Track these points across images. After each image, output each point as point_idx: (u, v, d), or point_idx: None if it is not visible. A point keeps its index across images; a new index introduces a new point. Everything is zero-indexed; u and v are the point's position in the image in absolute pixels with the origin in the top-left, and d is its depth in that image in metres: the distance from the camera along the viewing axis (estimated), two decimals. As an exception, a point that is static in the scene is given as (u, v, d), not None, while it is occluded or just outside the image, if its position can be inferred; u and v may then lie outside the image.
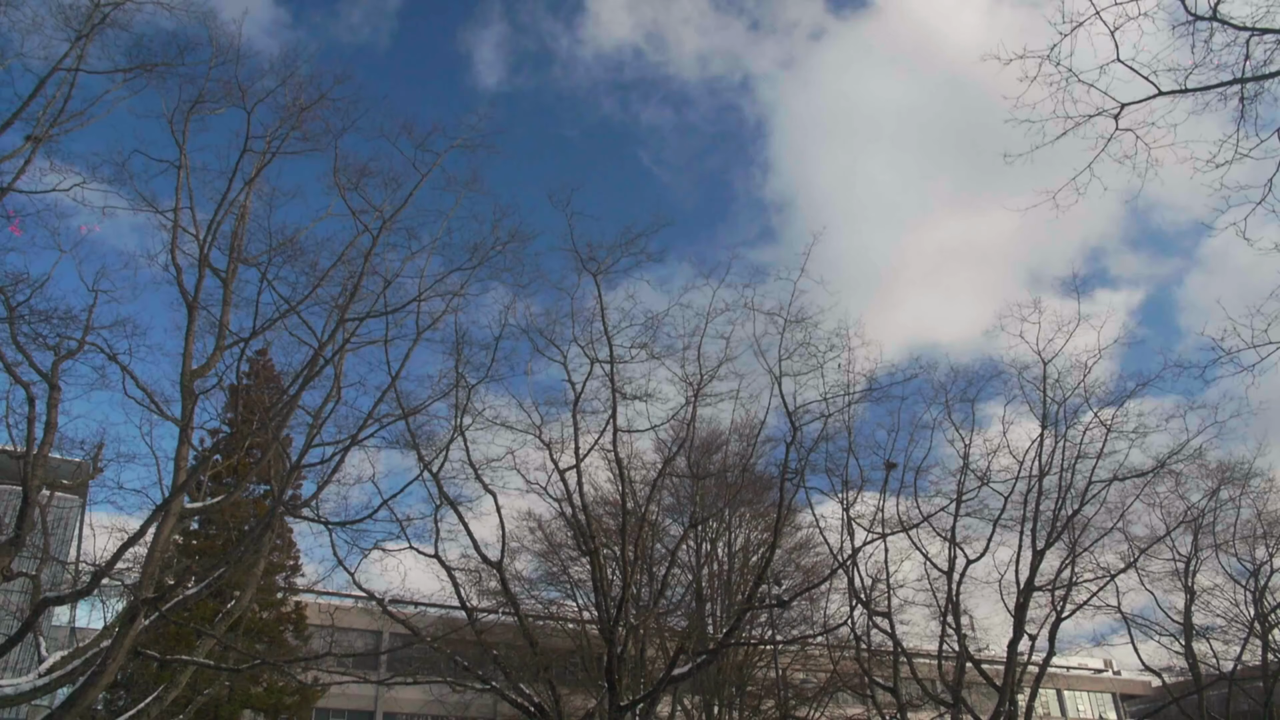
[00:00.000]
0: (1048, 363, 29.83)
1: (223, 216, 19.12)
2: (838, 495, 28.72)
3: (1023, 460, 30.55)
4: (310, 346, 18.62)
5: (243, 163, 18.60)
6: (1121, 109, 11.81)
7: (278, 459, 20.89)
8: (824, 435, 25.52)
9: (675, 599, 35.94)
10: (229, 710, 30.87)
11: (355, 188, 19.18)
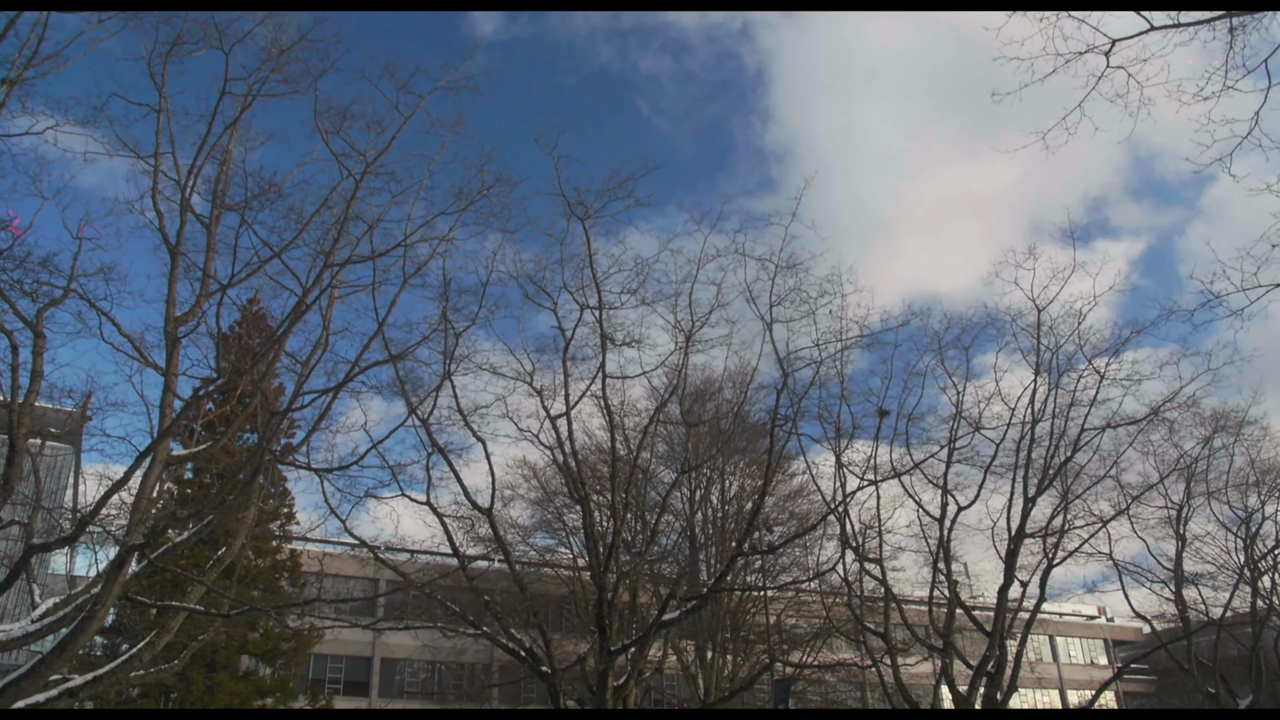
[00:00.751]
0: (1042, 310, 29.68)
1: (204, 161, 18.84)
2: (830, 443, 28.71)
3: (1014, 407, 30.52)
4: (294, 294, 18.44)
5: (223, 105, 18.28)
6: (1113, 45, 11.52)
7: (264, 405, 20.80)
8: (816, 382, 25.41)
9: (669, 546, 36.17)
10: (226, 656, 31.19)
11: (338, 131, 18.85)
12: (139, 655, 20.62)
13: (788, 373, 23.01)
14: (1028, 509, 30.37)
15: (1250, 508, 38.88)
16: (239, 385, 24.91)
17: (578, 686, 29.66)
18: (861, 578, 32.56)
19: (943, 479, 30.61)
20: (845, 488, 28.08)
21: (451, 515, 26.15)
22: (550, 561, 35.55)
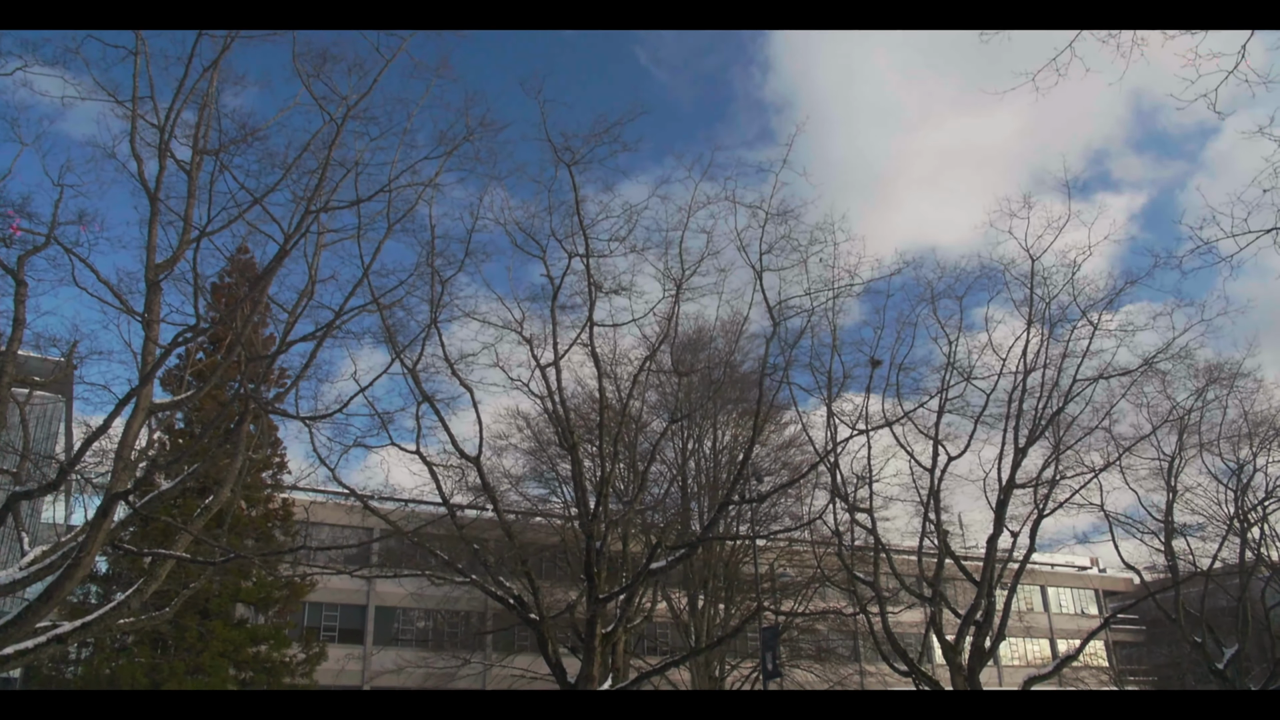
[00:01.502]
0: (1036, 259, 29.46)
1: (183, 104, 18.46)
2: (821, 393, 28.64)
3: (1005, 357, 30.42)
4: (276, 242, 18.21)
5: (200, 47, 17.85)
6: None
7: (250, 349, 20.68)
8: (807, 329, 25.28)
9: (661, 496, 36.22)
10: (219, 604, 31.36)
11: (318, 75, 18.46)
12: (127, 602, 20.69)
13: (777, 321, 22.88)
14: (1018, 459, 30.42)
15: (1242, 460, 38.99)
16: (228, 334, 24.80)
17: (567, 633, 29.89)
18: (852, 528, 32.70)
19: (934, 428, 30.60)
20: (835, 436, 28.07)
21: (441, 464, 26.12)
22: (542, 511, 35.64)
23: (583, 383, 34.90)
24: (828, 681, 41.14)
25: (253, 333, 26.52)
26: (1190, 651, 41.06)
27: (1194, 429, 37.90)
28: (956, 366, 30.12)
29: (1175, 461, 38.45)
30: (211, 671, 30.19)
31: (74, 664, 31.40)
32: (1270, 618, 40.90)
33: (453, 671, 37.52)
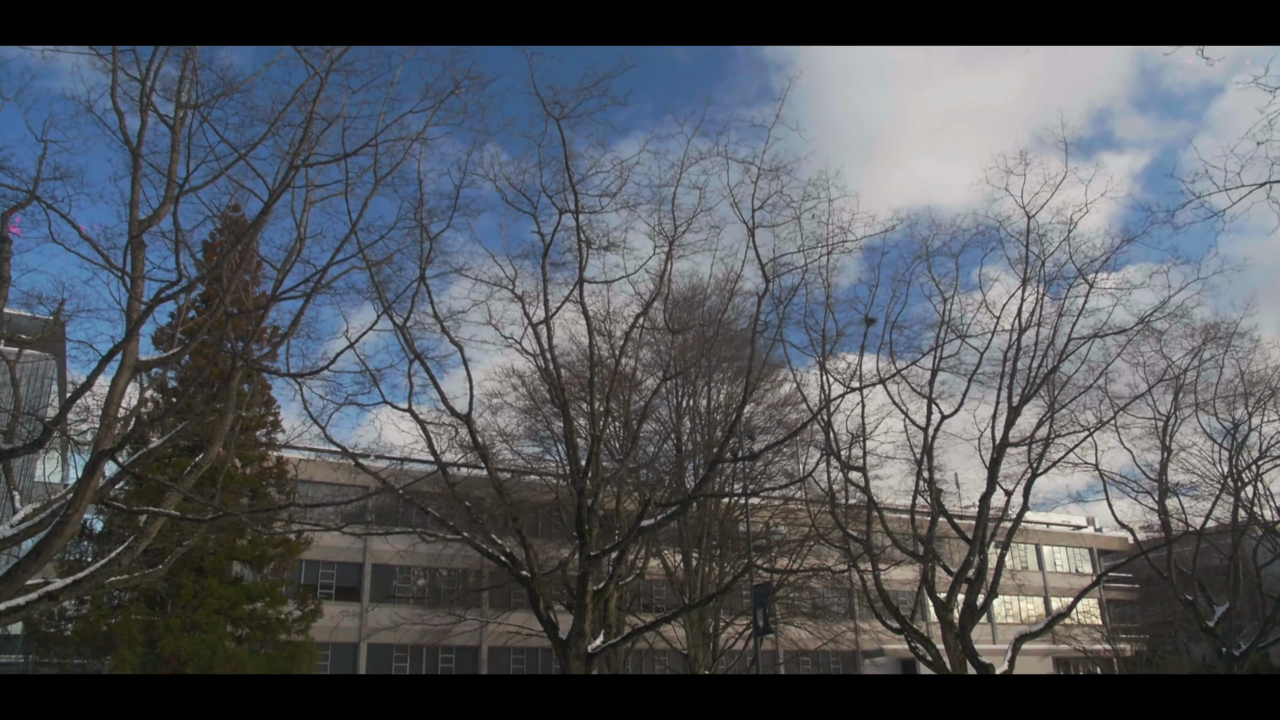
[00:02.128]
0: (1032, 216, 29.18)
1: (164, 57, 18.15)
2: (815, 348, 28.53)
3: (999, 315, 30.26)
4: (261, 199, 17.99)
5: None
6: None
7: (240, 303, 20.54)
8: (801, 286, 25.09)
9: (654, 454, 36.25)
10: (214, 562, 31.47)
11: (301, 24, 18.08)
12: (118, 559, 20.71)
13: (769, 279, 22.69)
14: (1012, 418, 30.37)
15: (1237, 420, 38.97)
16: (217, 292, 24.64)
17: (560, 590, 30.01)
18: (846, 487, 32.72)
19: (928, 386, 30.52)
20: (829, 393, 27.99)
21: (434, 423, 26.10)
22: (537, 469, 35.66)
23: (577, 340, 34.81)
24: (821, 639, 41.47)
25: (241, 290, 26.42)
26: (1182, 610, 41.33)
27: (1190, 388, 37.83)
28: (951, 324, 29.97)
29: (1170, 421, 38.43)
30: (208, 628, 30.35)
31: (71, 620, 31.56)
32: (1261, 576, 41.14)
33: (448, 628, 37.75)
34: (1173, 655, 51.85)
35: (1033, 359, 30.20)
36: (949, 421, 31.01)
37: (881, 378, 28.71)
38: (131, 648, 29.20)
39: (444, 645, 41.15)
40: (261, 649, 32.10)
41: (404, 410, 25.41)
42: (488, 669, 42.63)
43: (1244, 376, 38.43)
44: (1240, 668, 37.96)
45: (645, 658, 43.04)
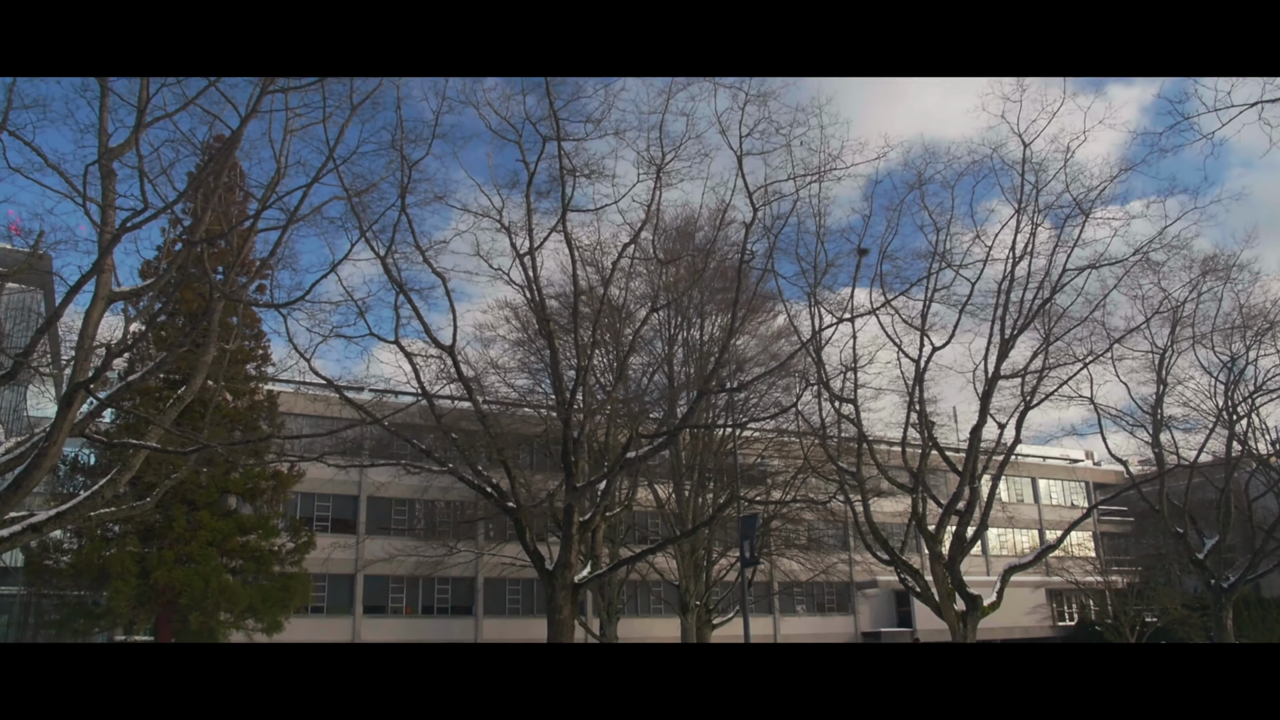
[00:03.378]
0: (1028, 145, 28.57)
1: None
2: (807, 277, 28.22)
3: (991, 245, 29.85)
4: (228, 127, 17.57)
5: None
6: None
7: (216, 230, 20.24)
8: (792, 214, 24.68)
9: (645, 385, 36.09)
10: (206, 495, 31.54)
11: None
12: (101, 492, 20.70)
13: (757, 207, 22.32)
14: (1004, 350, 30.11)
15: (1234, 353, 38.72)
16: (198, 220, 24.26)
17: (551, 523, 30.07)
18: (840, 422, 32.61)
19: (919, 317, 30.23)
20: (820, 323, 27.75)
21: (421, 355, 25.92)
22: (527, 401, 35.55)
23: (568, 270, 34.46)
24: (812, 570, 41.77)
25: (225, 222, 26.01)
26: (1174, 543, 41.52)
27: (1187, 321, 37.54)
28: (944, 256, 29.57)
29: (1167, 354, 38.22)
30: (200, 561, 30.52)
31: (67, 553, 31.77)
32: (1253, 509, 41.24)
33: (441, 559, 38.04)
34: (1164, 587, 52.27)
35: (1025, 291, 29.85)
36: (943, 354, 30.92)
37: (873, 308, 28.43)
38: (125, 579, 29.40)
39: (440, 577, 41.49)
40: (255, 581, 32.34)
41: (390, 343, 25.25)
42: (483, 599, 43.08)
43: (1242, 310, 38.09)
44: (1228, 599, 38.23)
45: (640, 589, 43.45)
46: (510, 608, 43.59)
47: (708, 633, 38.98)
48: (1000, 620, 48.18)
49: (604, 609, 39.75)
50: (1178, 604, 48.47)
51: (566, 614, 23.13)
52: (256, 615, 31.78)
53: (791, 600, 49.57)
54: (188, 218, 32.90)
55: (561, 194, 22.33)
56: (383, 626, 41.31)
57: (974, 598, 30.21)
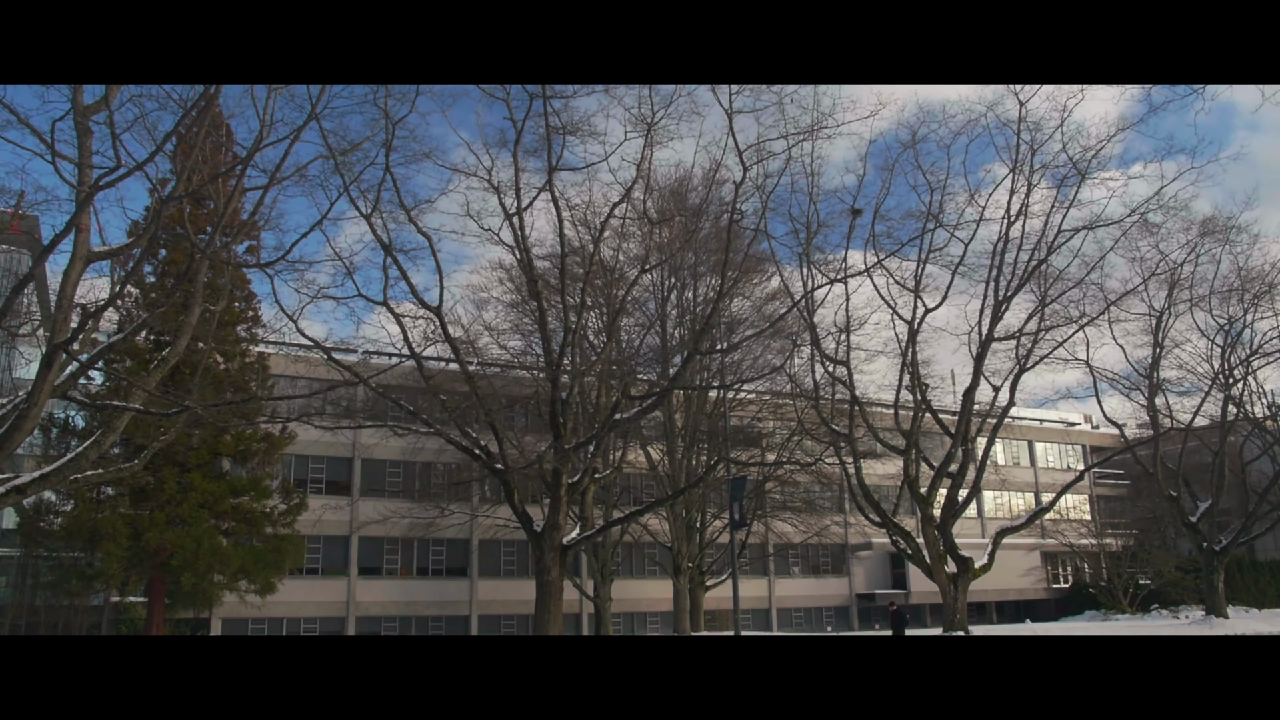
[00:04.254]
0: (1024, 103, 28.17)
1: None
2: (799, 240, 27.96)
3: (985, 205, 29.54)
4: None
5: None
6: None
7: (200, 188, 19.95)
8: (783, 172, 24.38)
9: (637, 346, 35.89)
10: (197, 457, 31.45)
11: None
12: (85, 454, 20.58)
13: (747, 166, 22.01)
14: (998, 311, 29.89)
15: (1232, 316, 38.49)
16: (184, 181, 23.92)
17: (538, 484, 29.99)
18: (833, 384, 32.48)
19: (913, 278, 30.02)
20: (811, 283, 27.51)
21: (410, 316, 25.74)
22: (516, 363, 35.36)
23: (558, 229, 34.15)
24: (806, 532, 41.82)
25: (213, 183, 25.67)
26: (1168, 506, 41.53)
27: (1185, 284, 37.28)
28: (937, 216, 29.27)
29: (1164, 316, 37.97)
30: (192, 522, 30.52)
31: (60, 516, 31.75)
32: (1247, 472, 41.18)
33: (433, 521, 38.05)
34: (1159, 550, 52.37)
35: (1019, 252, 29.59)
36: (939, 318, 30.73)
37: (867, 268, 28.19)
38: (117, 541, 29.40)
39: (435, 538, 41.52)
40: (247, 542, 32.37)
41: (379, 304, 25.07)
42: (478, 559, 43.17)
43: (1241, 273, 37.82)
44: (1220, 563, 38.28)
45: (634, 551, 43.55)
46: (505, 569, 43.68)
47: (700, 594, 39.11)
48: (994, 583, 48.38)
49: (598, 571, 39.83)
50: (1171, 567, 48.59)
51: (555, 575, 23.12)
52: (249, 577, 31.85)
53: (786, 562, 49.70)
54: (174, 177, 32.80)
55: (548, 152, 22.04)
56: (378, 587, 41.44)
57: (965, 560, 30.24)
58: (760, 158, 23.18)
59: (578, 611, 43.46)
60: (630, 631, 43.95)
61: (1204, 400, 39.41)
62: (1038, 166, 29.06)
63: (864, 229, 29.77)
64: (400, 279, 26.52)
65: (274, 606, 37.45)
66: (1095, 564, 54.21)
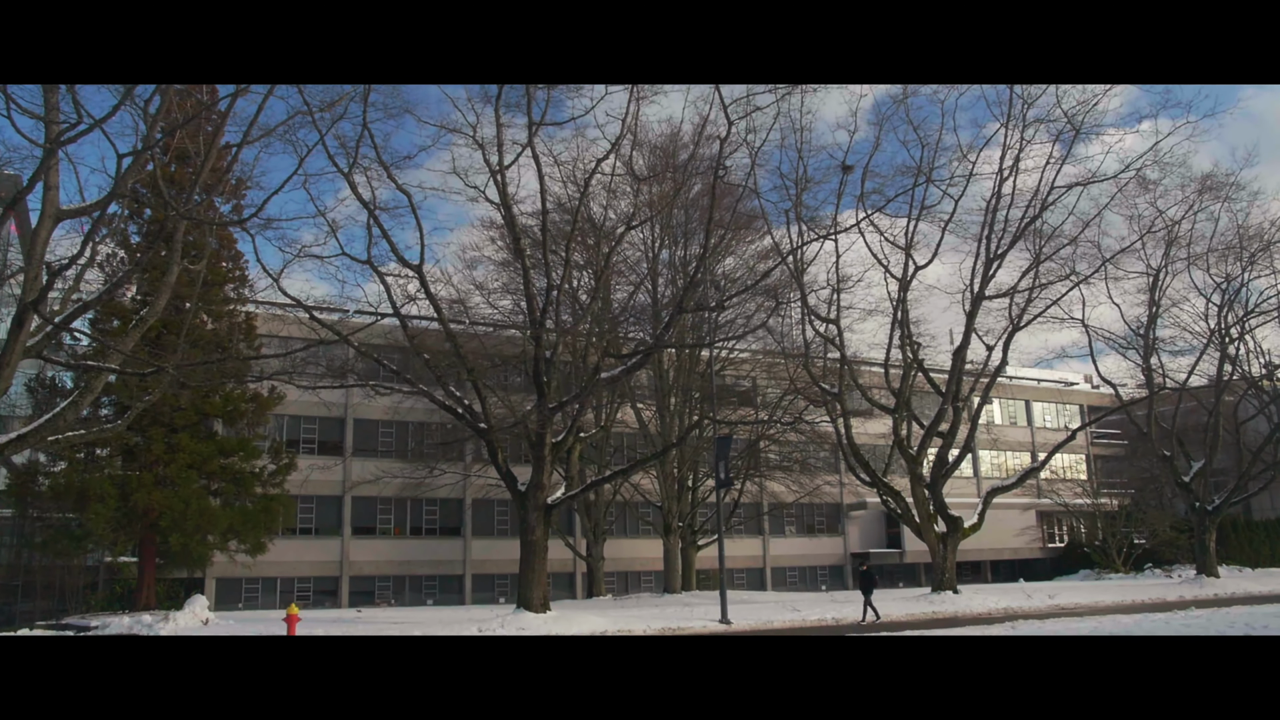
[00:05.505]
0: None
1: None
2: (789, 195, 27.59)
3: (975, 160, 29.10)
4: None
5: None
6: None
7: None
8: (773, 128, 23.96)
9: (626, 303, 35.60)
10: (184, 418, 31.29)
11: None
12: (63, 414, 20.47)
13: (732, 120, 21.56)
14: (989, 269, 29.56)
15: (1230, 274, 38.14)
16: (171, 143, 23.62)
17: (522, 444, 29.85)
18: (825, 346, 32.24)
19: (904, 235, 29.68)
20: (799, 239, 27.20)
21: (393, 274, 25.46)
22: (507, 321, 35.11)
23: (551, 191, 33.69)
24: (798, 491, 41.74)
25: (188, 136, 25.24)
26: (1163, 466, 41.44)
27: (1183, 242, 36.91)
28: (928, 172, 28.84)
29: (1161, 275, 37.63)
30: (180, 483, 30.45)
31: (47, 476, 31.66)
32: (1242, 432, 41.00)
33: (423, 481, 38.02)
34: (1155, 510, 52.33)
35: (1010, 209, 29.18)
36: (933, 275, 30.37)
37: (856, 222, 27.84)
38: (104, 502, 29.33)
39: (428, 498, 41.53)
40: (236, 502, 32.32)
41: (363, 263, 24.79)
42: (472, 519, 43.19)
43: (1240, 230, 37.42)
44: (1212, 522, 38.22)
45: (628, 510, 43.54)
46: (499, 529, 43.70)
47: (692, 554, 39.13)
48: (989, 542, 48.42)
49: (591, 530, 39.86)
50: (1167, 526, 48.56)
51: (539, 535, 23.03)
52: (239, 537, 31.84)
53: (781, 521, 49.73)
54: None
55: (527, 106, 21.63)
56: (372, 547, 41.51)
57: (955, 519, 30.13)
58: (747, 111, 22.77)
59: (571, 571, 43.59)
60: (624, 590, 44.06)
61: (1199, 359, 39.19)
62: (1032, 121, 28.56)
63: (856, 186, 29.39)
64: (382, 238, 26.14)
65: (268, 566, 37.55)
66: (1091, 524, 54.21)
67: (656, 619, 24.41)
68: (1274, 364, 41.10)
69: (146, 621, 25.27)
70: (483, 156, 24.25)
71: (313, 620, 26.13)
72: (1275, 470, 40.47)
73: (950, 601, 28.18)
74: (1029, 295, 31.93)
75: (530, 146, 22.24)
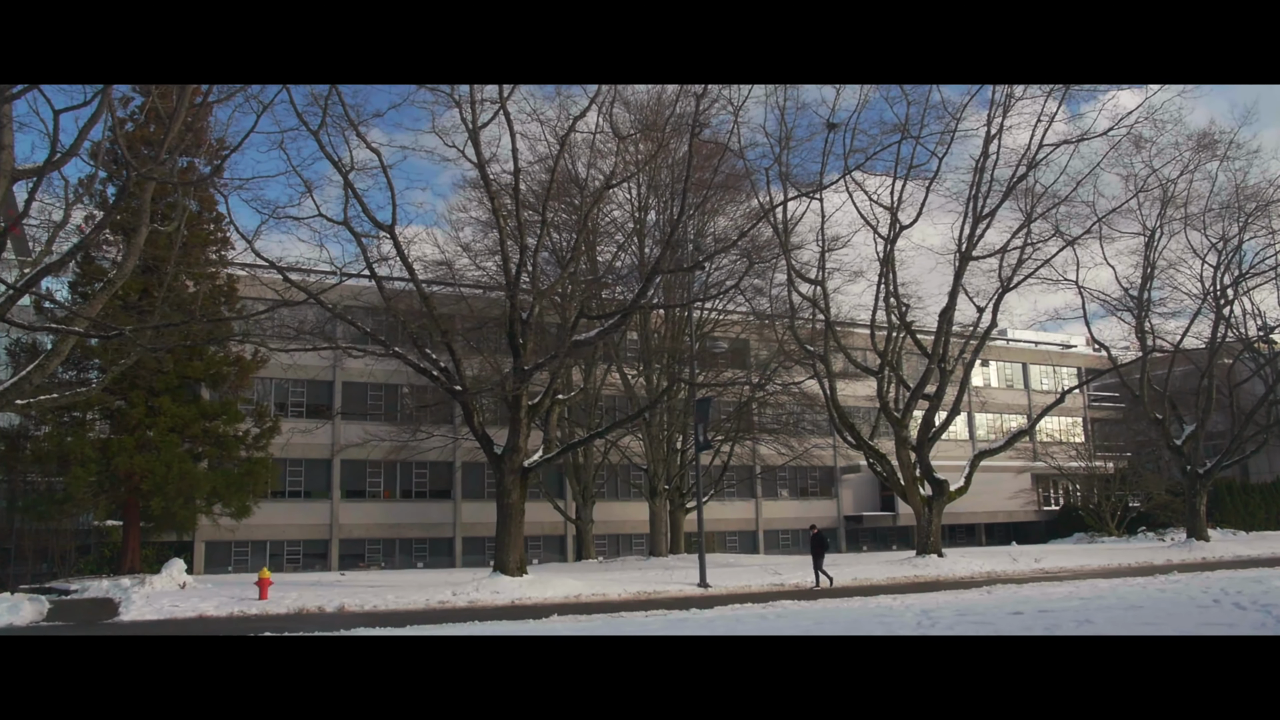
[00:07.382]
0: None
1: None
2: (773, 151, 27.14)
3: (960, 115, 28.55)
4: None
5: None
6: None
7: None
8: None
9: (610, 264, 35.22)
10: (166, 381, 31.09)
11: None
12: (28, 377, 20.23)
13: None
14: (976, 229, 29.11)
15: (1226, 235, 37.60)
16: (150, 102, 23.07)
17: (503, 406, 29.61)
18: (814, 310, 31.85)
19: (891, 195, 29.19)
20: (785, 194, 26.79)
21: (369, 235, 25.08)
22: (489, 283, 34.72)
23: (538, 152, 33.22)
24: (788, 454, 41.53)
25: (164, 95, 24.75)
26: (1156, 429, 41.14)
27: (1178, 201, 36.35)
28: (915, 131, 28.31)
29: (1156, 235, 37.11)
30: (162, 447, 30.29)
31: (30, 439, 31.54)
32: (1236, 395, 40.64)
33: (406, 444, 37.88)
34: (1151, 473, 52.12)
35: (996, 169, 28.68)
36: (922, 237, 29.93)
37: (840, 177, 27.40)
38: (85, 466, 29.23)
39: (418, 461, 41.42)
40: (220, 466, 32.20)
41: (339, 224, 24.45)
42: (461, 481, 43.12)
43: (1238, 190, 36.84)
44: (1203, 485, 37.97)
45: (617, 473, 43.39)
46: (489, 492, 43.51)
47: (681, 516, 39.03)
48: (982, 504, 48.33)
49: (580, 493, 39.75)
50: (1162, 490, 48.36)
51: (515, 498, 22.85)
52: (223, 500, 31.77)
53: (774, 484, 49.63)
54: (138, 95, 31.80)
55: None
56: (361, 510, 41.47)
57: (940, 483, 29.91)
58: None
59: (562, 534, 43.57)
60: (615, 553, 44.06)
61: (1193, 320, 38.76)
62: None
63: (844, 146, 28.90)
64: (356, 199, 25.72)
65: (258, 530, 37.55)
66: (1087, 487, 54.05)
67: (634, 583, 24.27)
68: (1270, 326, 40.66)
69: (124, 585, 25.20)
70: (459, 115, 23.85)
71: (287, 584, 26.05)
72: (1268, 433, 40.18)
73: (934, 565, 27.99)
74: (1020, 255, 31.49)
75: (502, 106, 21.76)
